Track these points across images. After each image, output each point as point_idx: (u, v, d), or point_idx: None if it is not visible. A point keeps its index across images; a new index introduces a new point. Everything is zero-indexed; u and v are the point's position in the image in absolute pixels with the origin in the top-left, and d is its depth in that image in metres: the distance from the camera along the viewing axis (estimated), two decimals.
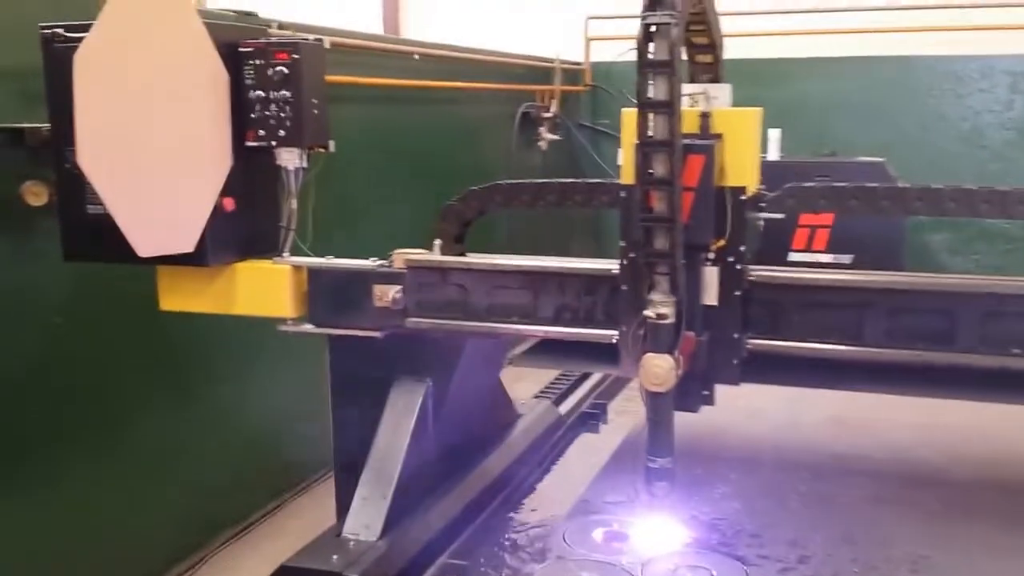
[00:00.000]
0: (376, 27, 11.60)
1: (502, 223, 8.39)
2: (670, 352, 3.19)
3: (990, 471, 4.42)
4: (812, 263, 8.25)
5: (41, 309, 4.13)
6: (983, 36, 9.08)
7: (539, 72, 9.48)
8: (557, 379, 6.49)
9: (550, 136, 9.27)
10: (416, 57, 7.13)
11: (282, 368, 5.41)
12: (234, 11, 5.04)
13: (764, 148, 7.98)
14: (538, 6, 11.10)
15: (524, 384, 6.09)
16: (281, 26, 5.20)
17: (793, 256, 8.36)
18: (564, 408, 5.84)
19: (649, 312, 3.21)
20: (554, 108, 9.32)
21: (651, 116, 3.12)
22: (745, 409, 4.84)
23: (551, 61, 9.54)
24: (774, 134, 8.31)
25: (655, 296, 3.23)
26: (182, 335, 4.76)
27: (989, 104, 9.26)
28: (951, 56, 9.30)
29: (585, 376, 6.52)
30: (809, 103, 9.57)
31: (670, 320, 3.21)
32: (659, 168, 3.15)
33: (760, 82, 9.23)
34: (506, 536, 3.85)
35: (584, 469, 4.57)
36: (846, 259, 8.32)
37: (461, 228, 4.04)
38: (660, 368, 3.17)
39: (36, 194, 3.87)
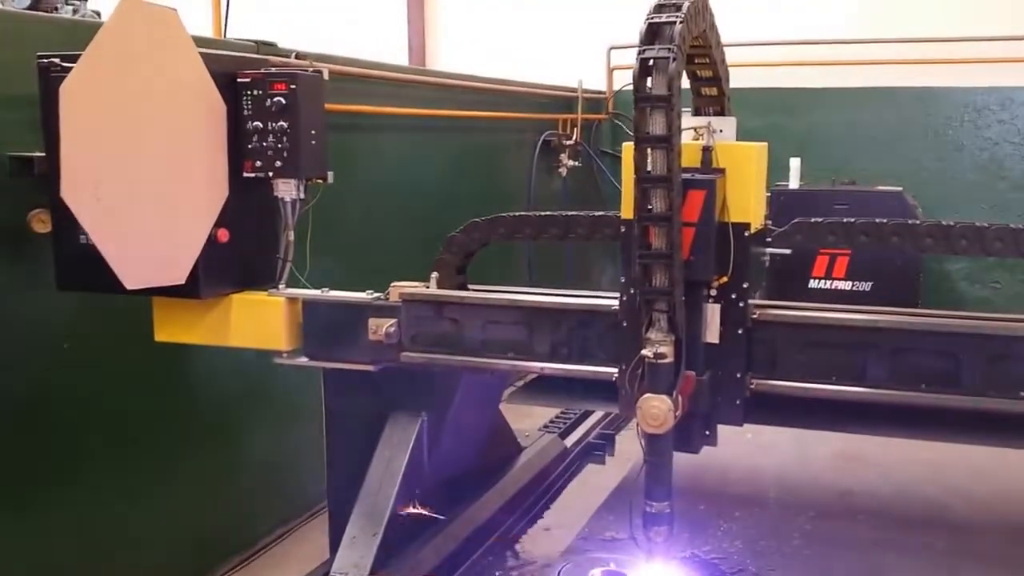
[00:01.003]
0: (402, 57, 11.61)
1: (522, 252, 8.38)
2: (669, 393, 3.11)
3: (997, 510, 4.34)
4: (832, 291, 8.19)
5: (50, 334, 4.09)
6: (1002, 68, 9.05)
7: (561, 101, 9.50)
8: (566, 410, 6.42)
9: (570, 163, 9.26)
10: None
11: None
12: (254, 41, 5.03)
13: (784, 177, 8.06)
14: (562, 37, 11.09)
15: (535, 415, 6.03)
16: (299, 56, 5.17)
17: (813, 284, 8.29)
18: (573, 438, 5.78)
19: (647, 351, 3.13)
20: (575, 136, 9.31)
21: (649, 151, 3.06)
22: (752, 443, 4.77)
23: (573, 90, 9.54)
24: (794, 163, 8.26)
25: (653, 335, 3.16)
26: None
27: (1008, 135, 9.17)
28: (970, 87, 9.24)
29: None
30: (830, 132, 9.55)
31: (669, 360, 3.14)
32: (658, 204, 3.08)
33: (781, 111, 9.30)
34: (500, 574, 3.79)
35: (586, 503, 4.52)
36: (866, 286, 8.24)
37: (464, 259, 4.00)
38: (658, 409, 3.10)
39: (43, 221, 3.84)
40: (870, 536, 4.09)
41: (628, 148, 3.16)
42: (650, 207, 3.09)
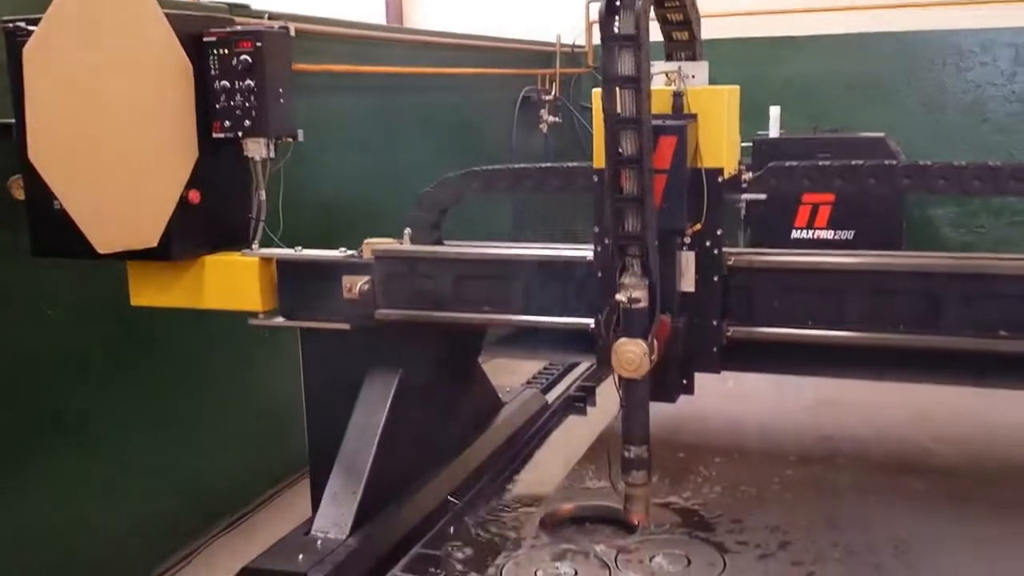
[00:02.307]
0: (379, 16, 11.53)
1: (506, 207, 8.35)
2: (644, 337, 3.10)
3: (978, 453, 4.33)
4: (814, 240, 8.19)
5: (31, 300, 4.07)
6: (984, 10, 8.98)
7: (540, 56, 9.47)
8: (550, 365, 6.42)
9: (551, 119, 9.23)
10: None
11: None
12: (227, 3, 4.98)
13: (765, 126, 8.03)
14: None
15: (520, 371, 6.04)
16: (271, 17, 5.12)
17: (795, 234, 8.29)
18: (558, 390, 5.78)
19: (621, 296, 3.12)
20: (554, 91, 9.27)
21: (618, 91, 3.02)
22: (732, 390, 4.74)
23: (552, 45, 9.49)
24: (774, 111, 8.22)
25: (627, 279, 3.13)
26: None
27: (991, 77, 9.13)
28: (952, 30, 9.17)
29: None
30: (810, 80, 9.47)
31: (643, 304, 3.12)
32: (628, 146, 3.05)
33: (761, 60, 9.24)
34: (481, 525, 3.79)
35: (566, 455, 4.51)
36: (848, 235, 8.23)
37: (438, 215, 3.97)
38: (633, 353, 3.09)
39: (22, 187, 3.82)
40: (851, 480, 4.09)
41: (597, 94, 3.13)
42: (620, 150, 3.06)
